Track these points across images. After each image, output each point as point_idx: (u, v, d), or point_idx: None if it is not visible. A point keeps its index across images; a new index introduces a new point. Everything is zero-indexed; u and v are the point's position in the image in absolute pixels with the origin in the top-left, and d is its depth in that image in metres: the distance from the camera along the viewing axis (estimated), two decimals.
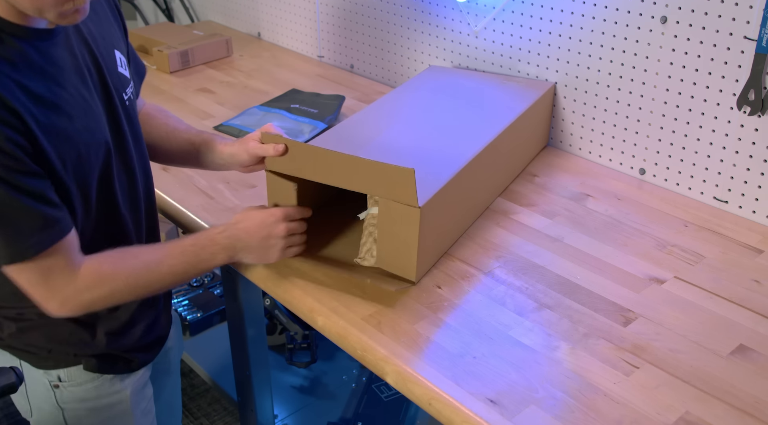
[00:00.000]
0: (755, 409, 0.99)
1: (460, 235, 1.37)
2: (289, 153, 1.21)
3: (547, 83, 1.69)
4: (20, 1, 0.92)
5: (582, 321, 1.15)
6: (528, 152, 1.66)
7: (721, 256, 1.33)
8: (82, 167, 1.03)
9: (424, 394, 1.03)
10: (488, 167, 1.41)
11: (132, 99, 1.16)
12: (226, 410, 2.26)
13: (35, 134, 0.94)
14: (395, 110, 1.54)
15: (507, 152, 1.50)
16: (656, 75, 1.50)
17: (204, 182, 1.57)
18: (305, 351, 1.94)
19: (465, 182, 1.31)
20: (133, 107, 1.17)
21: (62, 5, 0.93)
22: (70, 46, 1.03)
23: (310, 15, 2.30)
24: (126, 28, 1.23)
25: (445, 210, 1.26)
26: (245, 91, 2.07)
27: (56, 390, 1.18)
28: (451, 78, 1.76)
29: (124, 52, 1.18)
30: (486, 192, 1.46)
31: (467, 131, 1.43)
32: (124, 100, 1.13)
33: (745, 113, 1.38)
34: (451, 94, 1.65)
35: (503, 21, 1.74)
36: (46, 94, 0.96)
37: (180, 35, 2.35)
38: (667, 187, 1.56)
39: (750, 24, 1.32)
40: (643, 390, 1.02)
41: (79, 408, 1.20)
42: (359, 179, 1.17)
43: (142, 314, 1.22)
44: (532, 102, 1.59)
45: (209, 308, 2.12)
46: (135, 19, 3.24)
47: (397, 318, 1.15)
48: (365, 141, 1.37)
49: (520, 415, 0.98)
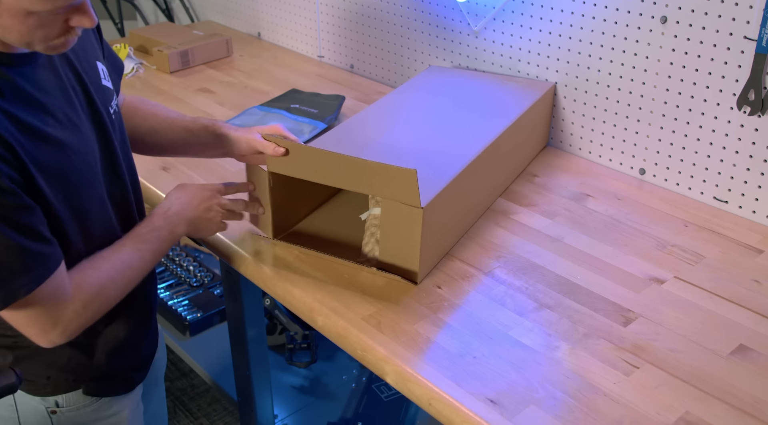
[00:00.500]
0: (755, 409, 0.99)
1: (461, 235, 1.37)
2: (290, 154, 1.21)
3: (547, 83, 1.69)
4: (8, 36, 0.89)
5: (582, 321, 1.15)
6: (528, 152, 1.66)
7: (721, 256, 1.33)
8: (76, 195, 1.02)
9: (424, 394, 1.03)
10: (489, 167, 1.41)
11: (117, 111, 1.14)
12: (226, 410, 2.26)
13: (28, 167, 0.92)
14: (395, 111, 1.54)
15: (507, 152, 1.50)
16: (656, 75, 1.50)
17: (204, 182, 1.57)
18: (305, 351, 1.94)
19: (466, 183, 1.31)
20: (119, 118, 1.15)
21: (52, 40, 0.91)
22: (53, 66, 1.01)
23: (310, 15, 2.30)
24: (100, 30, 1.19)
25: (446, 210, 1.26)
26: (245, 91, 2.07)
27: (53, 416, 1.16)
28: (452, 78, 1.76)
29: (103, 61, 1.15)
30: (487, 192, 1.46)
31: (468, 132, 1.43)
32: (110, 113, 1.11)
33: (745, 113, 1.38)
34: (452, 95, 1.65)
35: (503, 21, 1.74)
36: (35, 124, 0.94)
37: (180, 35, 2.35)
38: (667, 187, 1.56)
39: (750, 24, 1.32)
40: (643, 390, 1.02)
41: None
42: (361, 180, 1.17)
43: (137, 331, 1.21)
44: (533, 102, 1.59)
45: (209, 308, 2.12)
46: (135, 19, 3.24)
47: (397, 318, 1.15)
48: (366, 142, 1.38)
49: (520, 415, 0.98)
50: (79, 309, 1.01)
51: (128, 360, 1.21)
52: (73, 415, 1.17)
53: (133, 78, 2.17)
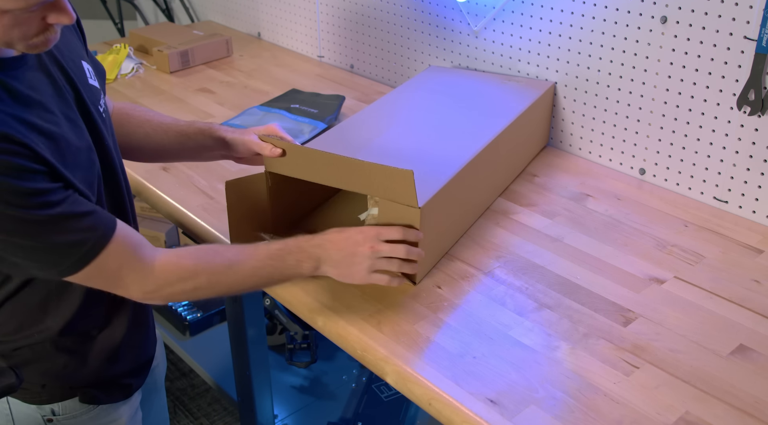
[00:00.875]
0: (755, 409, 0.99)
1: (461, 235, 1.37)
2: (288, 155, 1.21)
3: (546, 83, 1.69)
4: None
5: (582, 321, 1.15)
6: (528, 152, 1.66)
7: (721, 256, 1.33)
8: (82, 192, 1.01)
9: (424, 394, 1.03)
10: (488, 167, 1.41)
11: (107, 110, 1.13)
12: (226, 410, 2.26)
13: (50, 161, 0.92)
14: (395, 111, 1.54)
15: (507, 151, 1.50)
16: (656, 75, 1.50)
17: (204, 182, 1.57)
18: (305, 351, 1.94)
19: (465, 182, 1.31)
20: (109, 118, 1.14)
21: (31, 38, 0.89)
22: (44, 67, 1.00)
23: (310, 15, 2.30)
24: (82, 29, 1.17)
25: (445, 210, 1.26)
26: (245, 91, 2.07)
27: (50, 424, 1.15)
28: (451, 78, 1.76)
29: (87, 60, 1.13)
30: (486, 192, 1.46)
31: (467, 131, 1.43)
32: (100, 112, 1.10)
33: (745, 113, 1.38)
34: (451, 94, 1.65)
35: (503, 21, 1.74)
36: (39, 123, 0.94)
37: (180, 35, 2.35)
38: (667, 187, 1.56)
39: (750, 24, 1.32)
40: (643, 390, 1.02)
41: None
42: (358, 181, 1.17)
43: (133, 335, 1.20)
44: (532, 102, 1.59)
45: (209, 308, 2.12)
46: (135, 19, 3.24)
47: (397, 318, 1.15)
48: (365, 142, 1.38)
49: (520, 415, 0.98)
50: (162, 284, 1.02)
51: (125, 366, 1.19)
52: (70, 423, 1.15)
53: (133, 78, 2.17)
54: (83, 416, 1.16)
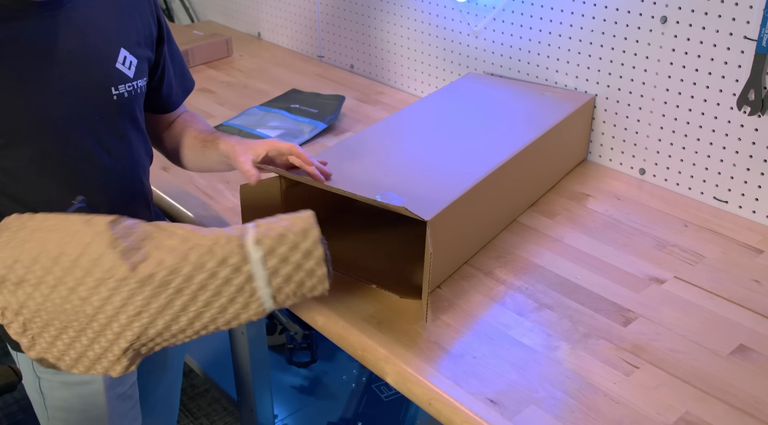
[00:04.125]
0: (755, 409, 0.99)
1: (481, 247, 1.34)
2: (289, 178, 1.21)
3: (586, 95, 1.62)
4: None
5: (582, 321, 1.15)
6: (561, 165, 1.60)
7: (721, 256, 1.33)
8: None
9: (424, 394, 1.03)
10: (510, 181, 1.37)
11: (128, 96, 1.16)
12: (226, 410, 2.26)
13: None
14: (422, 119, 1.52)
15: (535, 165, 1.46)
16: (656, 75, 1.50)
17: (204, 182, 1.57)
18: (305, 351, 1.94)
19: (481, 196, 1.27)
20: (129, 103, 1.17)
21: None
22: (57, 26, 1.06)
23: (310, 15, 2.30)
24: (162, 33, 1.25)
25: (459, 223, 1.23)
26: (245, 91, 2.07)
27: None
28: (483, 87, 1.72)
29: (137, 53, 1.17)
30: (510, 205, 1.42)
31: (488, 145, 1.39)
32: (112, 94, 1.13)
33: (745, 113, 1.38)
34: (478, 105, 1.60)
35: (503, 21, 1.74)
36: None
37: (180, 35, 2.35)
38: (667, 187, 1.56)
39: (750, 24, 1.32)
40: (643, 390, 1.02)
41: (53, 380, 1.20)
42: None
43: None
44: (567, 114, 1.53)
45: None
46: None
47: (397, 318, 1.15)
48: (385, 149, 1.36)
49: (520, 415, 0.98)
50: None
51: None
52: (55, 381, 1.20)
53: None
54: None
